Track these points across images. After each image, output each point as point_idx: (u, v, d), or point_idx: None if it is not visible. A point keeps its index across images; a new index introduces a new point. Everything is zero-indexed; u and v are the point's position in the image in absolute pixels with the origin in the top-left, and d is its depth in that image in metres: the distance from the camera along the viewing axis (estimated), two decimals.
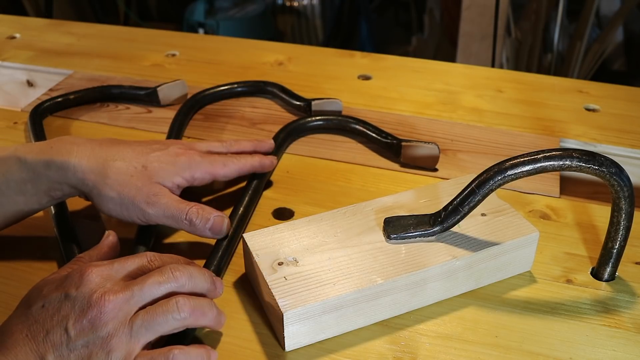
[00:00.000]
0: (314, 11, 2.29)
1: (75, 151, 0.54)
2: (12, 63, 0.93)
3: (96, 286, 0.42)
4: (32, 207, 0.54)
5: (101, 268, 0.44)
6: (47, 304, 0.42)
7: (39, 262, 0.56)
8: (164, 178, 0.55)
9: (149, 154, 0.56)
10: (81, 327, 0.40)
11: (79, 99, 0.81)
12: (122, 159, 0.55)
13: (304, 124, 0.74)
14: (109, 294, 0.42)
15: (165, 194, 0.54)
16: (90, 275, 0.43)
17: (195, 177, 0.57)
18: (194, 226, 0.53)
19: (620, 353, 0.47)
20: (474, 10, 1.74)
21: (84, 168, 0.53)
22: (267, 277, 0.48)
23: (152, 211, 0.53)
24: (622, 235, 0.50)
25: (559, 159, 0.46)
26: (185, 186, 0.57)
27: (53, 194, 0.54)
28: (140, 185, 0.53)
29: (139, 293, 0.43)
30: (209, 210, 0.54)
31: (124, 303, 0.42)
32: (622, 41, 1.97)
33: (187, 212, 0.53)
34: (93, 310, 0.41)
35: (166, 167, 0.56)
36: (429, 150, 0.67)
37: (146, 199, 0.53)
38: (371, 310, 0.49)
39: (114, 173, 0.53)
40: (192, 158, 0.57)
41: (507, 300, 0.52)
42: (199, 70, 0.90)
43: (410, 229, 0.51)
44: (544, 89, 0.85)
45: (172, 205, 0.53)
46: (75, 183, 0.53)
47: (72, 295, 0.42)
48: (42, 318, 0.41)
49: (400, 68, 0.91)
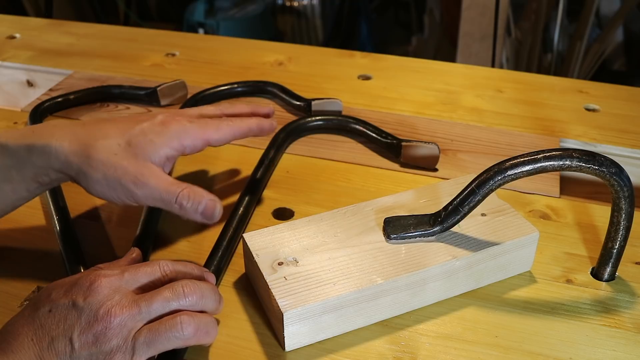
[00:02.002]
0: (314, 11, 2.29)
1: (56, 134, 0.51)
2: (12, 63, 0.93)
3: (104, 298, 0.41)
4: (21, 194, 0.52)
5: (111, 279, 0.43)
6: (54, 310, 0.41)
7: (39, 262, 0.56)
8: (151, 153, 0.51)
9: (132, 128, 0.52)
10: (86, 339, 0.40)
11: (79, 99, 0.81)
12: (104, 137, 0.51)
13: (304, 124, 0.74)
14: (116, 308, 0.41)
15: (154, 173, 0.50)
16: (100, 286, 0.42)
17: (186, 145, 0.53)
18: (184, 210, 0.50)
19: (620, 353, 0.47)
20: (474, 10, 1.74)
21: (66, 151, 0.50)
22: (267, 277, 0.48)
23: (140, 193, 0.50)
24: (622, 235, 0.50)
25: (559, 159, 0.46)
26: (176, 157, 0.53)
27: (40, 180, 0.51)
28: (126, 164, 0.50)
29: (146, 310, 0.42)
30: (201, 193, 0.50)
31: (130, 319, 0.41)
32: (622, 41, 1.97)
33: (177, 194, 0.49)
34: (99, 324, 0.40)
35: (153, 139, 0.52)
36: (429, 150, 0.67)
37: (133, 180, 0.49)
38: (371, 310, 0.49)
39: (98, 153, 0.50)
40: (180, 124, 0.53)
41: (507, 300, 0.52)
42: (199, 70, 0.90)
43: (410, 229, 0.51)
44: (544, 89, 0.85)
45: (161, 187, 0.50)
46: (59, 167, 0.50)
47: (79, 305, 0.41)
48: (47, 324, 0.41)
49: (400, 68, 0.91)
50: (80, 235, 0.58)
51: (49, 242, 0.58)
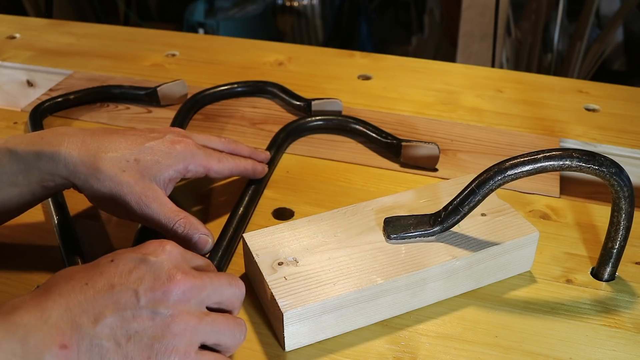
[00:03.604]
0: (314, 11, 2.29)
1: (66, 142, 0.52)
2: (12, 63, 0.93)
3: (177, 261, 0.40)
4: (27, 199, 0.53)
5: (179, 248, 0.42)
6: (118, 260, 0.39)
7: (39, 262, 0.56)
8: (156, 174, 0.53)
9: (142, 145, 0.54)
10: (153, 296, 0.38)
11: (79, 99, 0.81)
12: (114, 150, 0.52)
13: (304, 124, 0.74)
14: (188, 275, 0.40)
15: (158, 197, 0.52)
16: (171, 249, 0.41)
17: (189, 170, 0.55)
18: (177, 238, 0.51)
19: (620, 353, 0.47)
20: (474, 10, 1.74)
21: (75, 160, 0.51)
22: (267, 277, 0.48)
23: (140, 214, 0.51)
24: (622, 235, 0.50)
25: (559, 159, 0.46)
26: (178, 179, 0.55)
27: (46, 185, 0.52)
28: (132, 182, 0.51)
29: (211, 287, 0.41)
30: (197, 226, 0.51)
31: (198, 291, 0.40)
32: (622, 41, 1.97)
33: (174, 223, 0.51)
34: (171, 284, 0.39)
35: (160, 160, 0.53)
36: (429, 150, 0.67)
37: (137, 200, 0.51)
38: (371, 310, 0.49)
39: (106, 166, 0.51)
40: (188, 148, 0.55)
41: (507, 300, 0.52)
42: (199, 70, 0.90)
43: (410, 229, 0.51)
44: (544, 89, 0.85)
45: (161, 213, 0.51)
46: (66, 175, 0.51)
47: (150, 260, 0.40)
48: (109, 272, 0.38)
49: (400, 68, 0.91)
50: (80, 235, 0.58)
51: (49, 242, 0.58)
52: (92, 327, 0.36)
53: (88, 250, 0.57)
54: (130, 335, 0.37)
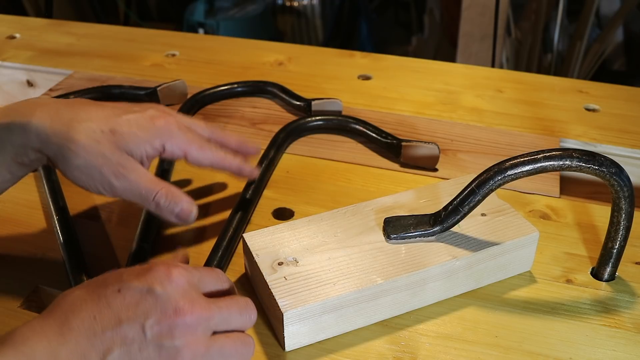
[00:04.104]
0: (314, 11, 2.29)
1: (38, 112, 0.49)
2: (12, 63, 0.93)
3: (183, 292, 0.39)
4: (4, 177, 0.50)
5: (187, 273, 0.41)
6: (125, 291, 0.39)
7: (39, 262, 0.56)
8: (132, 146, 0.50)
9: (120, 116, 0.51)
10: (160, 330, 0.38)
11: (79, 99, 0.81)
12: (89, 120, 0.49)
13: (304, 124, 0.74)
14: (196, 306, 0.39)
15: (135, 168, 0.49)
16: (178, 277, 0.40)
17: (166, 149, 0.52)
18: (160, 209, 0.49)
19: (620, 353, 0.47)
20: (474, 10, 1.74)
21: (47, 130, 0.48)
22: (267, 277, 0.48)
23: (119, 185, 0.49)
24: (622, 235, 0.50)
25: (559, 159, 0.46)
26: (154, 157, 0.52)
27: (21, 161, 0.49)
28: (107, 153, 0.48)
29: (219, 317, 0.41)
30: (179, 195, 0.50)
31: (205, 322, 0.40)
32: (622, 41, 1.97)
33: (156, 193, 0.49)
34: (177, 317, 0.38)
35: (137, 132, 0.50)
36: (429, 150, 0.67)
37: (114, 171, 0.48)
38: (371, 310, 0.49)
39: (80, 136, 0.48)
40: (168, 125, 0.52)
41: (507, 300, 0.52)
42: (199, 70, 0.90)
43: (410, 229, 0.51)
44: (544, 89, 0.85)
45: (141, 183, 0.49)
46: (39, 147, 0.48)
47: (157, 292, 0.39)
48: (116, 304, 0.38)
49: (400, 68, 0.91)
50: (80, 235, 0.58)
51: (49, 242, 0.58)
52: None
53: (88, 250, 0.57)
54: None
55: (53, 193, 0.62)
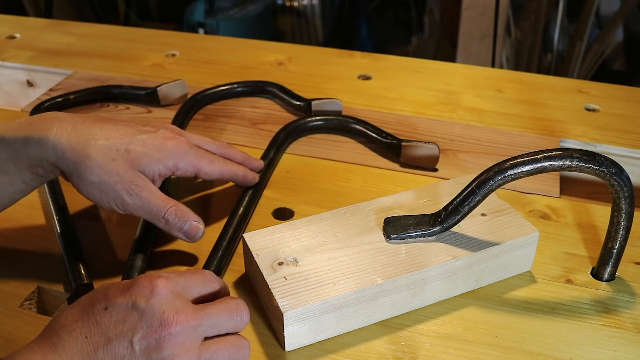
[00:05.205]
0: (314, 11, 2.29)
1: (55, 127, 0.51)
2: (12, 63, 0.93)
3: (167, 303, 0.40)
4: (19, 187, 0.52)
5: (171, 282, 0.41)
6: (111, 309, 0.40)
7: (39, 262, 0.56)
8: (146, 166, 0.52)
9: (134, 136, 0.53)
10: (147, 343, 0.39)
11: (79, 99, 0.81)
12: (105, 139, 0.52)
13: (304, 124, 0.74)
14: (181, 316, 0.40)
15: (147, 186, 0.52)
16: (161, 289, 0.40)
17: (179, 167, 0.55)
18: (169, 225, 0.52)
19: (620, 353, 0.47)
20: (474, 10, 1.74)
21: (64, 146, 0.50)
22: (267, 277, 0.48)
23: (131, 202, 0.51)
24: (622, 235, 0.50)
25: (559, 159, 0.46)
26: (167, 175, 0.55)
27: (36, 172, 0.51)
28: (122, 171, 0.51)
29: (208, 323, 0.41)
30: (187, 214, 0.52)
31: (193, 330, 0.40)
32: (622, 41, 1.97)
33: (165, 211, 0.51)
34: (163, 329, 0.39)
35: (151, 152, 0.53)
36: (429, 150, 0.67)
37: (127, 188, 0.51)
38: (371, 310, 0.49)
39: (96, 154, 0.50)
40: (180, 145, 0.55)
41: (507, 300, 0.52)
42: (199, 70, 0.90)
43: (410, 229, 0.51)
44: (544, 89, 0.85)
45: (152, 201, 0.51)
46: (54, 161, 0.50)
47: (140, 307, 0.40)
48: (104, 322, 0.39)
49: (400, 68, 0.91)
50: (80, 235, 0.58)
51: (49, 242, 0.58)
52: None
53: (88, 250, 0.57)
54: None
55: (53, 193, 0.62)
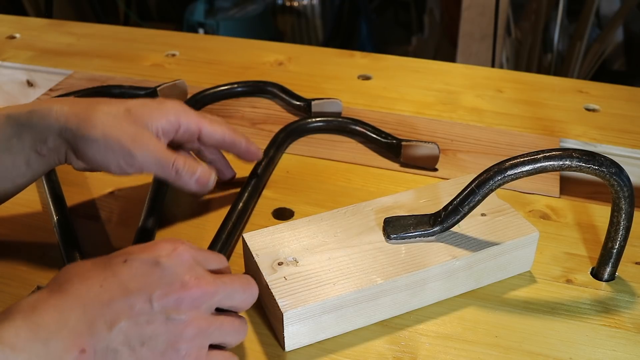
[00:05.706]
0: (314, 11, 2.29)
1: (57, 102, 0.52)
2: (12, 63, 0.93)
3: (188, 267, 0.40)
4: (21, 170, 0.51)
5: (192, 250, 0.42)
6: (132, 262, 0.39)
7: (39, 262, 0.56)
8: (148, 121, 0.52)
9: (134, 100, 0.54)
10: (166, 303, 0.38)
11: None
12: (105, 103, 0.53)
13: (304, 125, 0.74)
14: (202, 280, 0.40)
15: (152, 138, 0.52)
16: (183, 252, 0.40)
17: (181, 123, 0.54)
18: (179, 175, 0.51)
19: (620, 353, 0.47)
20: (474, 10, 1.74)
21: (67, 112, 0.51)
22: (267, 277, 0.48)
23: (139, 153, 0.50)
24: (622, 235, 0.50)
25: (559, 159, 0.46)
26: (171, 133, 0.54)
27: (39, 150, 0.51)
28: (125, 126, 0.51)
29: (223, 293, 0.41)
30: (195, 163, 0.53)
31: (210, 297, 0.40)
32: (622, 41, 1.97)
33: (174, 160, 0.51)
34: (184, 291, 0.39)
35: (152, 110, 0.53)
36: (429, 150, 0.67)
37: (132, 140, 0.50)
38: (371, 310, 0.49)
39: (98, 114, 0.51)
40: (180, 104, 0.56)
41: (507, 300, 0.52)
42: (199, 70, 0.90)
43: (410, 229, 0.51)
44: (544, 89, 0.85)
45: (160, 150, 0.51)
46: (58, 129, 0.50)
47: (163, 264, 0.39)
48: (123, 274, 0.38)
49: (400, 68, 0.91)
50: (80, 235, 0.58)
51: (49, 242, 0.58)
52: (107, 332, 0.37)
53: (88, 250, 0.57)
54: (144, 341, 0.38)
55: (53, 193, 0.62)
